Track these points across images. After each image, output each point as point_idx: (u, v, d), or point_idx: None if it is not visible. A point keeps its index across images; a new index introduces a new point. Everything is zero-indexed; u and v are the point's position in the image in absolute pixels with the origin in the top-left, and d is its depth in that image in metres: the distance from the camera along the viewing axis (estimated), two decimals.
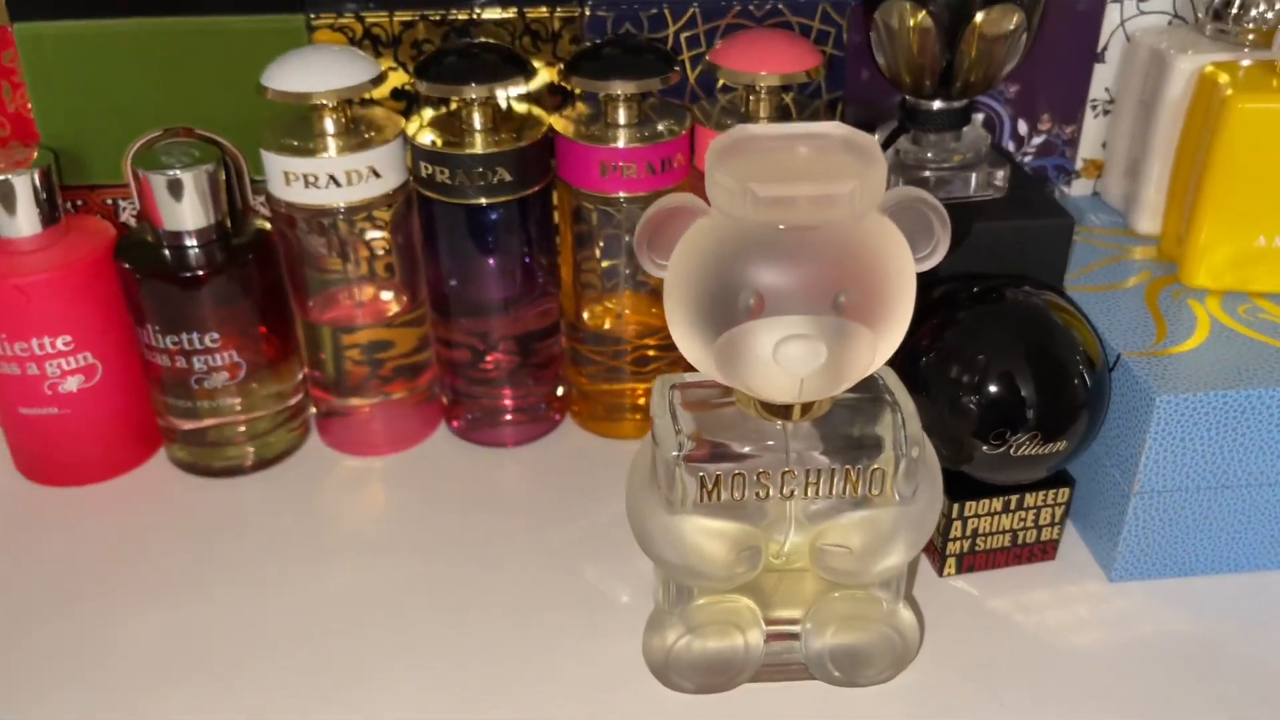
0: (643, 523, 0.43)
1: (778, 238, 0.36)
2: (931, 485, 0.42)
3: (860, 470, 0.40)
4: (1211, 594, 0.51)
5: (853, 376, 0.38)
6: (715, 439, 0.41)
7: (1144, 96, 0.60)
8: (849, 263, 0.36)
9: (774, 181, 0.35)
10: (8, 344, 0.54)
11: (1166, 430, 0.47)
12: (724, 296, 0.36)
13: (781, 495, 0.41)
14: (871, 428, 0.42)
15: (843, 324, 0.36)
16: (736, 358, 0.37)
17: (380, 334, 0.58)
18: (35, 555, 0.54)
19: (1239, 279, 0.54)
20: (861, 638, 0.45)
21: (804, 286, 0.36)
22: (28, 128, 0.57)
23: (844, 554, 0.42)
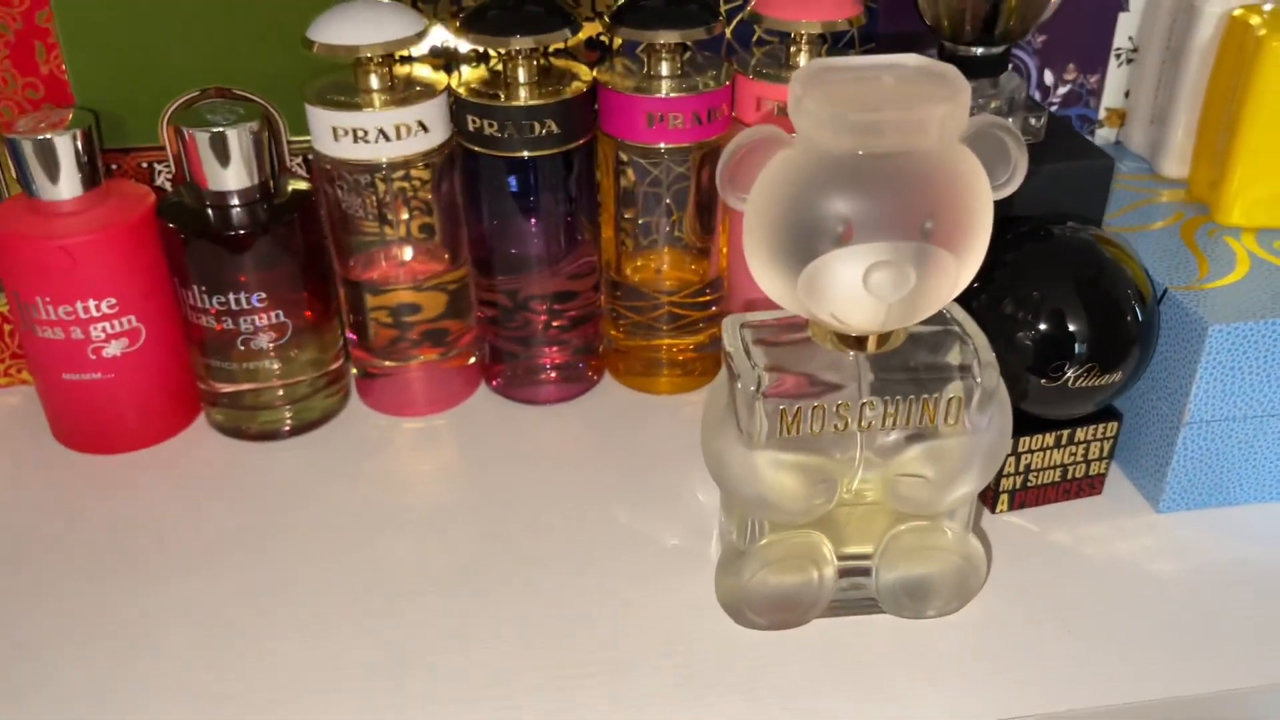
0: (719, 458, 0.43)
1: (866, 165, 0.36)
2: (1002, 415, 0.43)
3: (935, 400, 0.41)
4: (1261, 521, 0.52)
5: (937, 304, 0.38)
6: (793, 372, 0.41)
7: (1170, 44, 0.61)
8: (935, 190, 0.37)
9: (866, 108, 0.36)
10: (52, 307, 0.53)
11: (1217, 360, 0.48)
12: (812, 226, 0.37)
13: (859, 427, 0.41)
14: (943, 358, 0.42)
15: (929, 249, 0.37)
16: (826, 286, 0.37)
17: (409, 295, 0.58)
18: (78, 524, 0.53)
19: (1273, 216, 0.55)
20: (932, 568, 0.45)
21: (892, 213, 0.36)
22: (62, 89, 0.56)
23: (920, 483, 0.42)
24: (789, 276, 0.38)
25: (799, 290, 0.38)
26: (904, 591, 0.46)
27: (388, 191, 0.55)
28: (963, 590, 0.46)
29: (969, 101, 0.37)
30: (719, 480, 0.44)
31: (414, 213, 0.56)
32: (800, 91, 0.37)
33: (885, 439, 0.42)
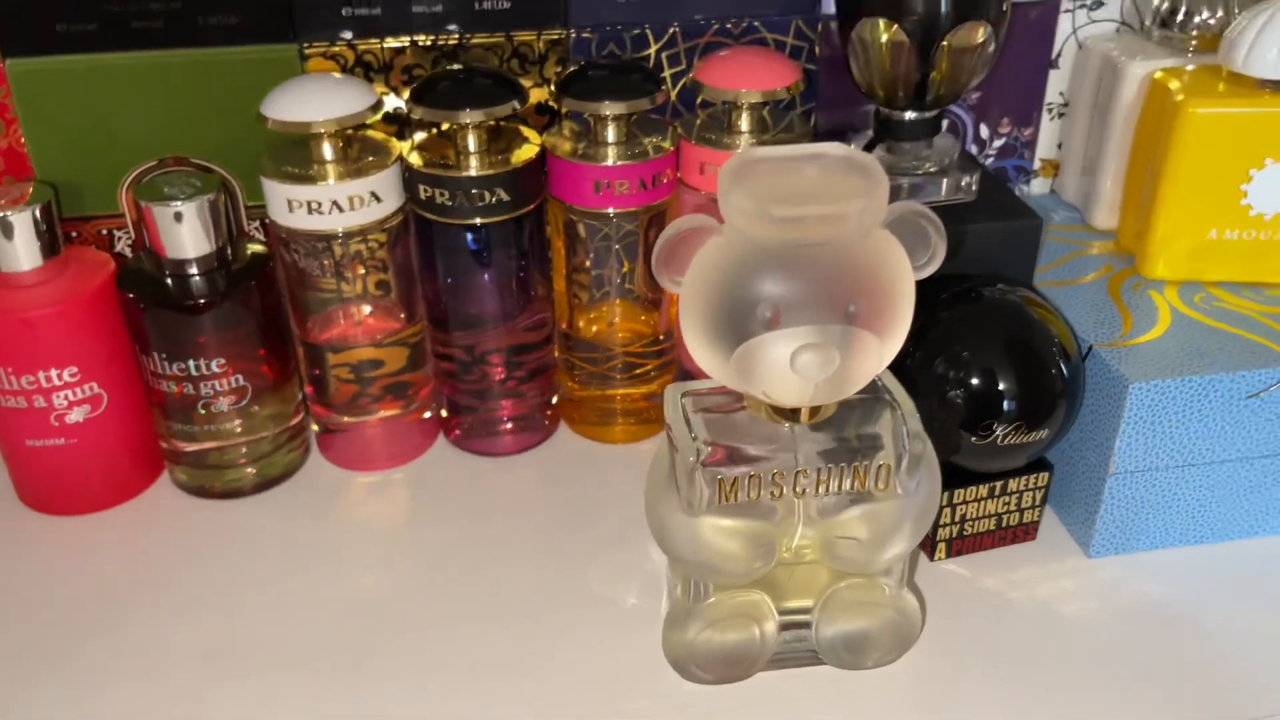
0: (662, 524, 0.45)
1: (792, 254, 0.38)
2: (931, 478, 0.45)
3: (866, 467, 0.43)
4: (1185, 563, 0.55)
5: (861, 381, 0.40)
6: (730, 443, 0.43)
7: (1098, 100, 0.63)
8: (858, 275, 0.39)
9: (788, 202, 0.38)
10: (14, 378, 0.55)
11: (1139, 415, 0.51)
12: (742, 310, 0.38)
13: (794, 494, 0.43)
14: (873, 426, 0.44)
15: (853, 332, 0.39)
16: (755, 366, 0.39)
17: (370, 353, 0.60)
18: (45, 586, 0.55)
19: (1194, 269, 0.57)
20: (869, 622, 0.48)
21: (817, 298, 0.38)
22: (21, 162, 0.57)
23: (853, 545, 0.44)
24: (722, 355, 0.40)
25: (731, 369, 0.40)
26: (843, 645, 0.48)
27: (343, 255, 0.57)
28: (899, 642, 0.48)
29: (887, 193, 0.39)
30: (663, 545, 0.46)
31: (370, 269, 0.58)
32: (727, 185, 0.39)
33: (821, 503, 0.44)
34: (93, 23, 0.54)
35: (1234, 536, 0.56)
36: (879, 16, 0.53)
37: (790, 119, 0.60)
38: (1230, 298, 0.57)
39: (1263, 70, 0.53)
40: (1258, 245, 0.56)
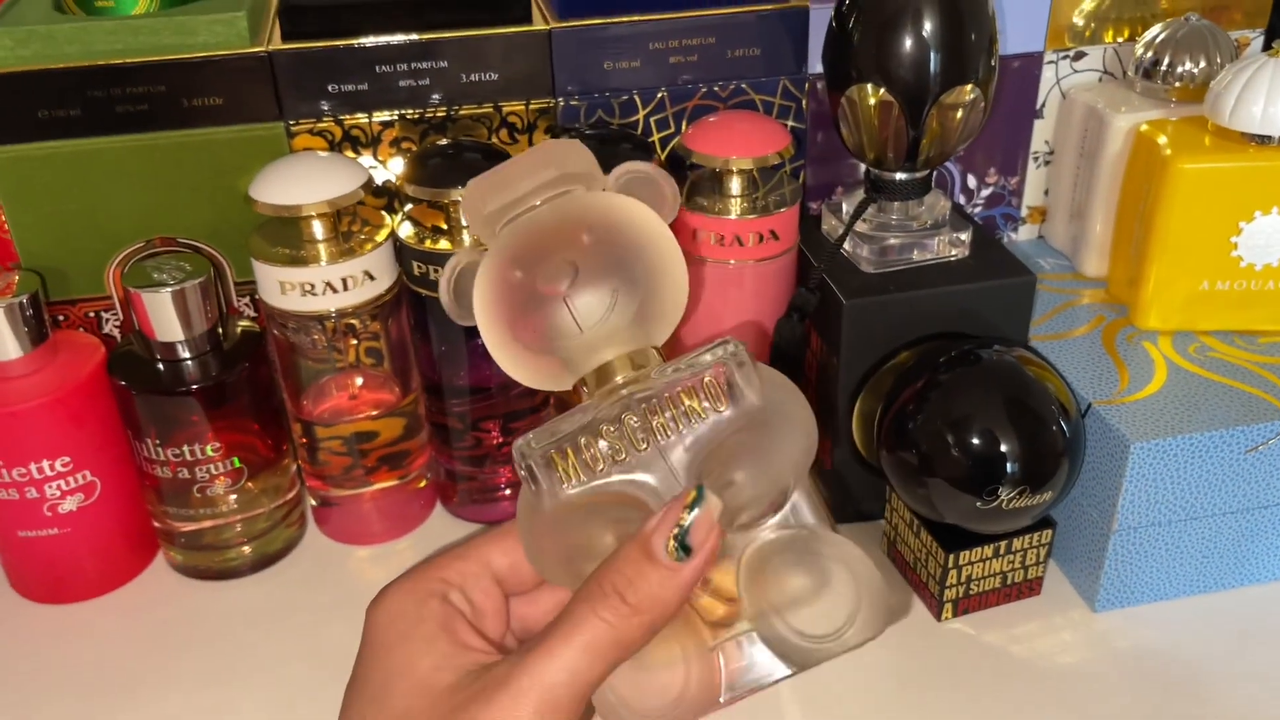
0: (532, 541, 0.38)
1: (522, 223, 0.37)
2: (783, 388, 0.39)
3: (692, 389, 0.37)
4: (1189, 614, 0.55)
5: (609, 287, 0.37)
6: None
7: (1084, 149, 0.64)
8: (583, 214, 0.37)
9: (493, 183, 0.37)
10: (5, 470, 0.54)
11: (1141, 473, 0.51)
12: (504, 286, 0.37)
13: (635, 444, 0.36)
14: (696, 357, 0.38)
15: (587, 247, 0.36)
16: (524, 321, 0.37)
17: (365, 424, 0.59)
18: (41, 676, 0.54)
19: (1186, 320, 0.58)
20: (796, 578, 0.39)
21: (551, 243, 0.36)
22: (5, 248, 0.56)
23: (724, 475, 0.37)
24: (518, 347, 0.38)
25: (524, 347, 0.37)
26: (785, 624, 0.39)
27: (335, 331, 0.56)
28: (860, 598, 0.39)
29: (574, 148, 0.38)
30: (539, 565, 0.39)
31: (362, 340, 0.58)
32: (462, 209, 0.38)
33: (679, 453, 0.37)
34: (75, 109, 0.54)
35: (1236, 584, 0.56)
36: (868, 82, 0.53)
37: (780, 176, 0.60)
38: (1224, 347, 0.57)
39: (1248, 125, 0.54)
40: (1249, 295, 0.57)
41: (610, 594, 0.32)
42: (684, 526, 0.33)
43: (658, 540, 0.33)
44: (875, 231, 0.57)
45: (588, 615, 0.32)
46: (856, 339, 0.56)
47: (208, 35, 0.54)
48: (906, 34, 0.52)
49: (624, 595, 0.32)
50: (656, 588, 0.32)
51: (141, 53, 0.54)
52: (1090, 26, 0.64)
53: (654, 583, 0.32)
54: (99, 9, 0.55)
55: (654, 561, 0.32)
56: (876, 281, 0.56)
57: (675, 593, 0.33)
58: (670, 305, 0.38)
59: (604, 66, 0.58)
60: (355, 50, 0.55)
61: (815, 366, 0.60)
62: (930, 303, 0.56)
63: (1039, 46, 0.64)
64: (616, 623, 0.32)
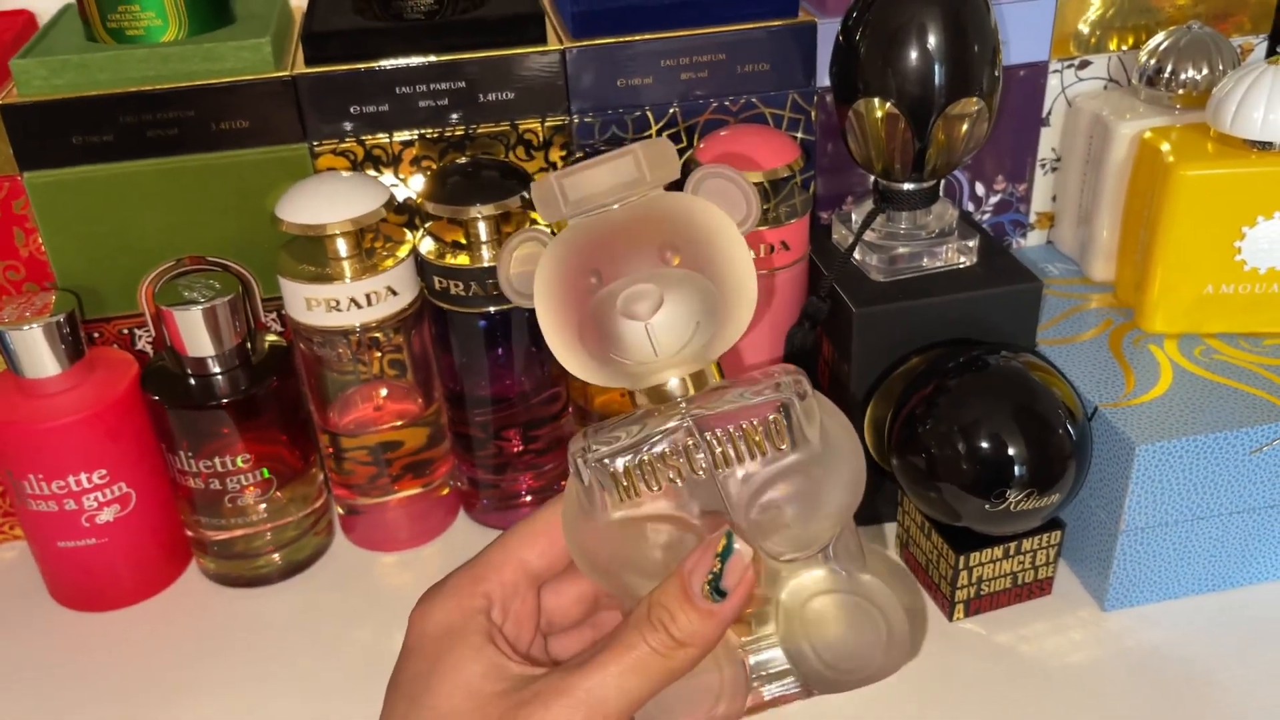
0: (579, 542, 0.39)
1: (596, 222, 0.37)
2: (842, 429, 0.40)
3: (754, 424, 0.38)
4: (1197, 612, 0.56)
5: (698, 317, 0.37)
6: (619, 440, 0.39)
7: (1090, 156, 0.65)
8: (665, 223, 0.37)
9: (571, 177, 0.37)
10: (44, 483, 0.56)
11: (1147, 474, 0.52)
12: (575, 289, 0.37)
13: (695, 471, 0.38)
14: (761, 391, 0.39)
15: (674, 271, 0.37)
16: (597, 329, 0.37)
17: (390, 434, 0.61)
18: (79, 683, 0.56)
19: (1192, 323, 0.59)
20: (831, 615, 0.41)
21: (628, 249, 0.37)
22: (42, 269, 0.59)
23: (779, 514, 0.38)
24: (575, 340, 0.38)
25: (584, 352, 0.38)
26: (816, 655, 0.41)
27: (360, 344, 0.58)
28: (884, 642, 0.41)
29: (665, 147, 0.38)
30: (583, 565, 0.40)
31: (386, 352, 0.59)
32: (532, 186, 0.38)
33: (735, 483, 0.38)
34: (108, 134, 0.56)
35: (1244, 583, 0.57)
36: (874, 95, 0.54)
37: (790, 188, 0.62)
38: (1229, 350, 0.58)
39: (1249, 131, 0.55)
40: (1254, 298, 0.58)
41: (657, 627, 0.35)
42: (716, 572, 0.35)
43: (695, 582, 0.35)
44: (884, 240, 0.59)
45: (638, 641, 0.35)
46: (867, 346, 0.57)
47: (234, 61, 0.56)
48: (911, 48, 0.53)
49: (668, 629, 0.35)
50: (697, 625, 0.35)
51: (171, 79, 0.56)
52: (1095, 35, 0.65)
53: (694, 620, 0.35)
54: (130, 38, 0.56)
55: (692, 602, 0.35)
56: (886, 290, 0.57)
57: (714, 629, 0.35)
58: (740, 326, 0.38)
59: (617, 84, 0.60)
60: (376, 73, 0.57)
61: (827, 373, 0.61)
62: (939, 310, 0.57)
63: (1044, 56, 0.65)
64: (664, 652, 0.35)
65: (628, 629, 0.35)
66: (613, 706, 0.34)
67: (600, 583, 0.41)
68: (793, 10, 0.61)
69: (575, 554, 0.40)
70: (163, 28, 0.57)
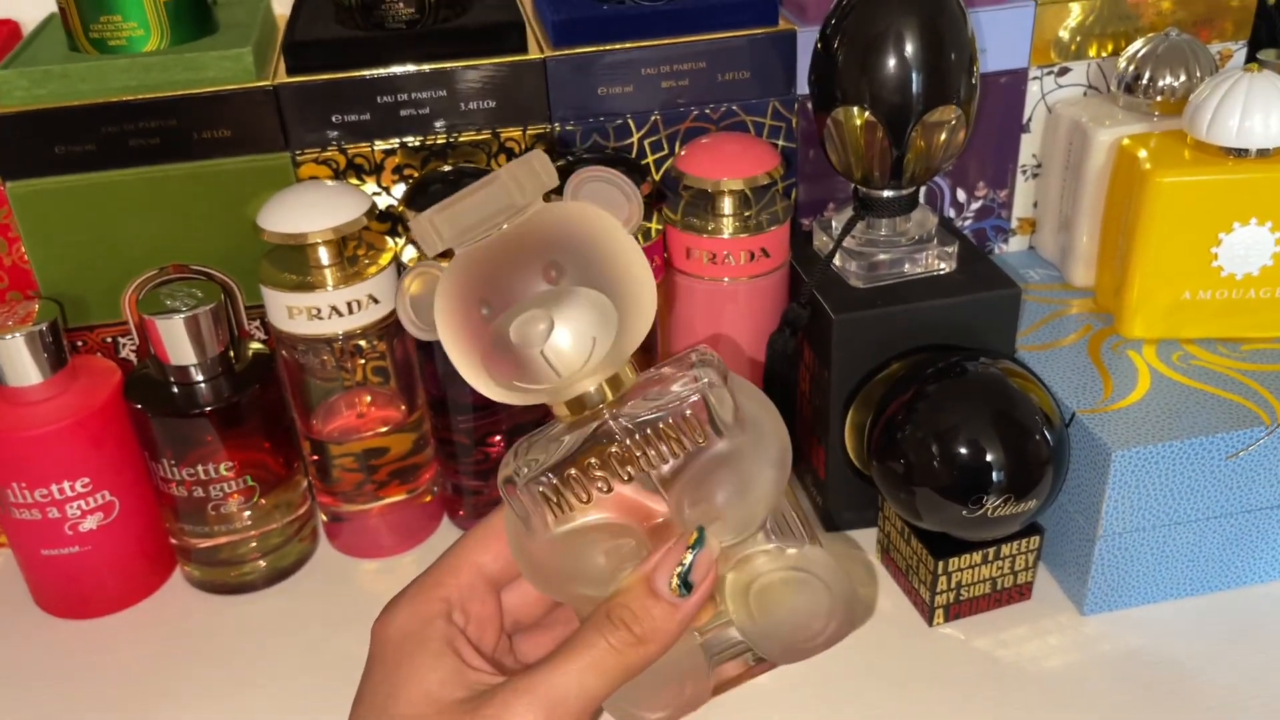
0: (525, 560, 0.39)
1: (480, 247, 0.36)
2: (761, 408, 0.40)
3: (672, 421, 0.37)
4: (1175, 616, 0.57)
5: (596, 330, 0.37)
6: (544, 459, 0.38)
7: (1069, 162, 0.65)
8: (542, 239, 0.36)
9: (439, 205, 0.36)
10: (28, 491, 0.56)
11: (1123, 480, 0.53)
12: (469, 323, 0.36)
13: (622, 477, 0.38)
14: (678, 386, 0.39)
15: (560, 290, 0.36)
16: (497, 362, 0.36)
17: (374, 441, 0.61)
18: (64, 690, 0.56)
19: (1170, 328, 0.59)
20: (776, 591, 0.41)
21: (510, 274, 0.36)
22: (25, 278, 0.59)
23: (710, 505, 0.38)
24: (488, 377, 0.37)
25: (490, 380, 0.37)
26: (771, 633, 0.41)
27: (343, 352, 0.58)
28: (831, 608, 0.41)
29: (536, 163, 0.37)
30: (534, 582, 0.40)
31: (369, 360, 0.60)
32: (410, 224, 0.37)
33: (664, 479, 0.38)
34: (90, 144, 0.56)
35: (1222, 587, 0.58)
36: (853, 104, 0.54)
37: (771, 195, 0.62)
38: (1207, 355, 0.58)
39: (1225, 139, 0.55)
40: (1230, 304, 0.58)
41: (619, 625, 0.35)
42: (685, 565, 0.36)
43: (660, 578, 0.35)
44: (864, 247, 0.59)
45: (597, 640, 0.35)
46: (847, 352, 0.57)
47: (216, 71, 0.56)
48: (888, 56, 0.53)
49: (630, 626, 0.35)
50: (660, 620, 0.35)
51: (153, 89, 0.56)
52: (1075, 42, 0.66)
53: (657, 616, 0.35)
54: (112, 48, 0.57)
55: (657, 597, 0.35)
56: (866, 296, 0.58)
57: (677, 625, 0.36)
58: (643, 324, 0.38)
59: (598, 92, 0.60)
60: (357, 82, 0.58)
61: (808, 379, 0.62)
62: (918, 316, 0.57)
63: (1024, 63, 0.65)
64: (623, 649, 0.35)
65: (587, 629, 0.35)
66: (573, 704, 0.34)
67: (552, 595, 0.41)
68: (773, 19, 0.61)
69: (525, 571, 0.40)
70: (145, 38, 0.57)
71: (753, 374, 0.61)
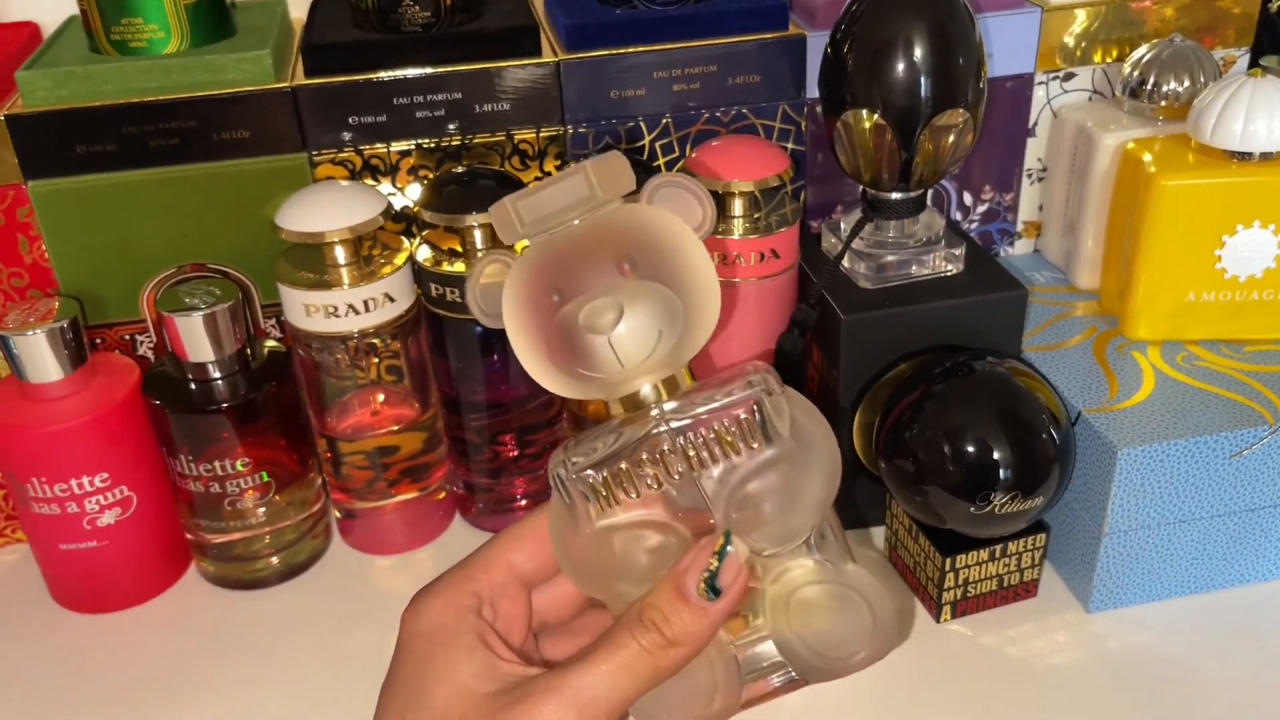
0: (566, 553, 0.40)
1: (554, 239, 0.38)
2: (815, 423, 0.40)
3: (726, 424, 0.38)
4: (1179, 613, 0.57)
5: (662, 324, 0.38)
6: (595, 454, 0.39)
7: (1074, 166, 0.66)
8: (620, 235, 0.38)
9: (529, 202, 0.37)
10: (47, 486, 0.57)
11: (1129, 478, 0.53)
12: (540, 308, 0.38)
13: (673, 476, 0.38)
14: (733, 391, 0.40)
15: (632, 282, 0.37)
16: (564, 346, 0.37)
17: (387, 439, 0.62)
18: (79, 684, 0.57)
19: (1174, 329, 0.60)
20: (817, 606, 0.42)
21: (586, 264, 0.37)
22: (45, 276, 0.60)
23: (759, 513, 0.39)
24: (550, 364, 0.38)
25: (556, 368, 0.38)
26: (807, 647, 0.42)
27: (358, 350, 0.59)
28: (867, 628, 0.41)
29: (619, 162, 0.38)
30: (572, 575, 0.41)
31: (383, 358, 0.60)
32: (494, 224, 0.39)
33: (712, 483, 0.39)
34: (111, 144, 0.57)
35: (1227, 585, 0.58)
36: (862, 107, 0.55)
37: (780, 196, 0.63)
38: (1211, 356, 0.59)
39: (1229, 142, 0.56)
40: (1234, 305, 0.59)
41: (649, 627, 0.35)
42: (713, 570, 0.36)
43: (689, 581, 0.35)
44: (872, 249, 0.60)
45: (629, 641, 0.35)
46: (855, 352, 0.58)
47: (235, 73, 0.57)
48: (898, 60, 0.54)
49: (660, 629, 0.35)
50: (690, 624, 0.35)
51: (173, 90, 0.57)
52: (1080, 47, 0.67)
53: (687, 620, 0.35)
54: (133, 50, 0.58)
55: (686, 600, 0.35)
56: (874, 297, 0.59)
57: (707, 629, 0.36)
58: (705, 330, 0.39)
59: (611, 95, 0.61)
60: (374, 84, 0.58)
61: (817, 379, 0.62)
62: (926, 317, 0.58)
63: (1030, 68, 0.66)
64: (655, 651, 0.35)
65: (619, 629, 0.36)
66: (603, 705, 0.35)
67: (591, 591, 0.41)
68: (783, 23, 0.62)
69: (564, 565, 0.41)
70: (165, 40, 0.58)
71: None
